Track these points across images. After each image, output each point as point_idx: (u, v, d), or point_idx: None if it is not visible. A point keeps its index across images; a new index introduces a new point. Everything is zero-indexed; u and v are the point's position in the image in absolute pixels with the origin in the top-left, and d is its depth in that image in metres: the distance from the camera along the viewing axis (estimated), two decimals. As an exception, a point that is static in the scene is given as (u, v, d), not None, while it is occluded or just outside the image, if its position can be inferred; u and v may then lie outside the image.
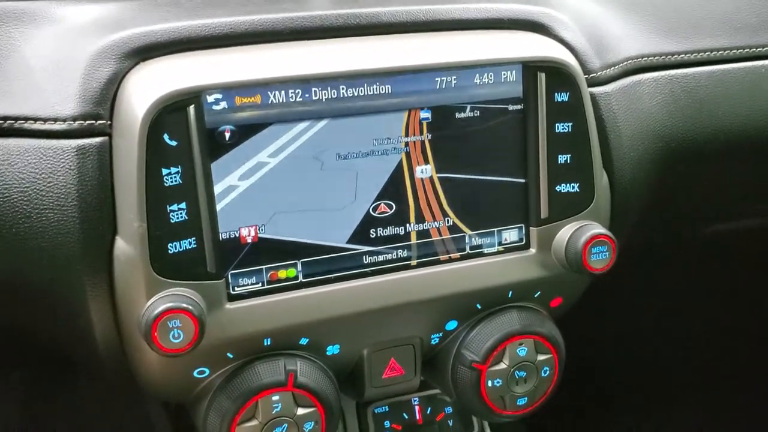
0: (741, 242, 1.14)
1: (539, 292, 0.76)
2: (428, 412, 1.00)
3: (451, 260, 0.73)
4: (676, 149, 0.84)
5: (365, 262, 0.70)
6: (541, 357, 0.76)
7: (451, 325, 0.75)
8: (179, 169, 0.61)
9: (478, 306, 0.75)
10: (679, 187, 0.89)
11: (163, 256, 0.61)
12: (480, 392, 0.74)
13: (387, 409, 0.99)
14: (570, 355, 0.78)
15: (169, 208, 0.61)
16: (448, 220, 0.72)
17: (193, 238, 0.62)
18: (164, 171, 0.60)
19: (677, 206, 0.91)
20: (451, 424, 1.00)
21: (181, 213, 0.61)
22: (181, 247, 0.62)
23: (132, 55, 0.64)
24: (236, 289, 0.66)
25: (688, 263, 1.17)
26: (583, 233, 0.72)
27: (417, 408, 1.01)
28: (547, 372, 0.76)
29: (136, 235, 0.60)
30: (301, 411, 0.68)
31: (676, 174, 0.86)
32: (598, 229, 0.72)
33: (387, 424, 0.98)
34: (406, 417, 1.00)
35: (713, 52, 0.86)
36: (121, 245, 0.62)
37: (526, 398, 0.76)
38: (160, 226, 0.60)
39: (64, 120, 0.61)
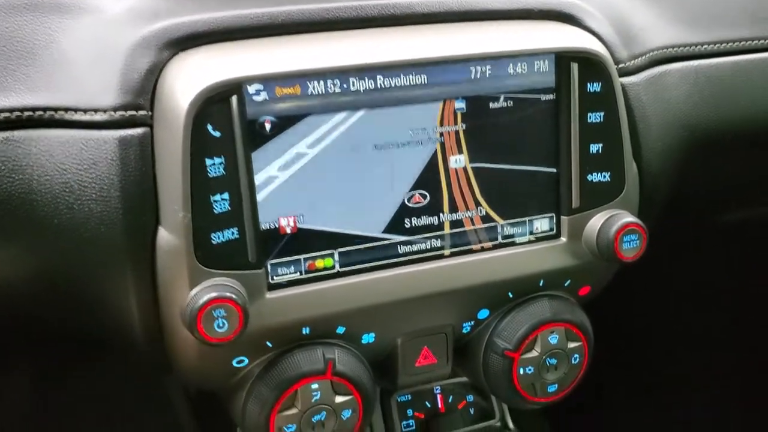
0: (754, 230, 1.15)
1: (569, 281, 0.77)
2: (450, 400, 1.02)
3: (483, 250, 0.74)
4: (700, 138, 0.85)
5: (400, 251, 0.71)
6: (571, 344, 0.76)
7: (483, 313, 0.76)
8: (222, 159, 0.61)
9: (510, 295, 0.75)
10: (702, 176, 0.90)
11: (206, 246, 0.61)
12: (512, 380, 0.75)
13: (410, 398, 1.00)
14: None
15: (212, 199, 0.61)
16: (480, 210, 0.72)
17: (236, 228, 0.62)
18: (208, 162, 0.60)
19: (698, 193, 0.92)
20: (472, 412, 1.01)
21: (224, 203, 0.62)
22: (223, 237, 0.62)
23: (171, 46, 0.64)
24: (275, 278, 0.66)
25: (703, 250, 1.19)
26: (615, 222, 0.72)
27: (439, 396, 1.02)
28: (577, 359, 0.77)
29: (180, 226, 0.60)
30: (339, 399, 0.68)
31: (700, 162, 0.86)
32: (629, 217, 0.73)
33: (410, 412, 0.99)
34: (429, 405, 1.01)
35: (735, 43, 0.87)
36: (164, 235, 0.62)
37: (556, 385, 0.77)
38: (203, 216, 0.61)
39: (105, 110, 0.61)
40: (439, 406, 1.00)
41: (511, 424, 1.01)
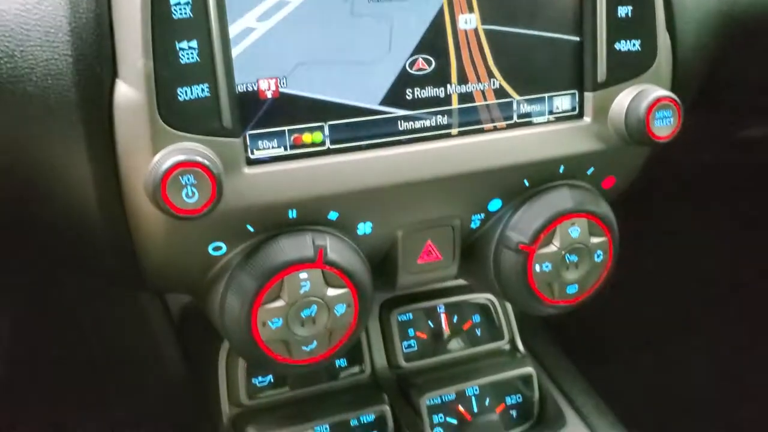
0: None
1: (593, 169, 0.68)
2: (455, 320, 0.93)
3: (496, 129, 0.65)
4: (738, 18, 0.75)
5: (400, 128, 0.62)
6: (594, 239, 0.68)
7: (495, 204, 0.67)
8: None
9: (526, 183, 0.66)
10: (738, 67, 0.80)
11: (171, 103, 0.52)
12: (527, 278, 0.67)
13: (411, 317, 0.91)
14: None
15: (178, 45, 0.52)
16: (494, 82, 0.63)
17: (206, 85, 0.53)
18: (172, -1, 0.51)
19: (732, 87, 0.83)
20: (479, 333, 0.93)
21: (192, 53, 0.52)
22: (192, 94, 0.53)
23: None
24: (255, 152, 0.57)
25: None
26: (646, 96, 0.63)
27: (443, 316, 0.93)
28: (601, 257, 0.68)
29: (141, 76, 0.51)
30: (332, 292, 0.60)
31: (737, 48, 0.77)
32: (662, 91, 0.63)
33: (411, 332, 0.91)
34: (432, 325, 0.93)
35: None
36: (122, 90, 0.53)
37: (576, 286, 0.68)
38: (168, 65, 0.52)
39: None
40: (443, 326, 0.92)
41: (521, 346, 0.93)
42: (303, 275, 0.58)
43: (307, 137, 0.59)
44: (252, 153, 0.57)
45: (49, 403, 0.95)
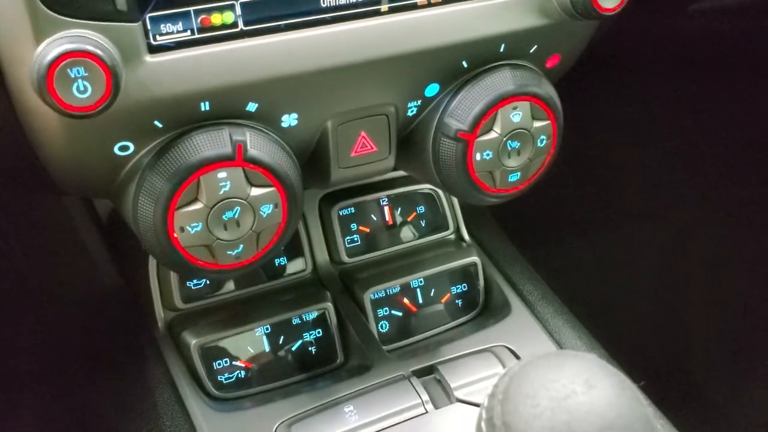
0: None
1: (536, 47, 0.63)
2: (399, 212, 0.90)
3: (430, 5, 0.59)
4: None
5: (323, 5, 0.55)
6: (537, 123, 0.64)
7: (432, 90, 0.62)
8: None
9: (464, 64, 0.61)
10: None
11: None
12: (466, 168, 0.63)
13: (353, 211, 0.88)
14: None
15: None
16: (425, -50, 0.57)
17: None
18: None
19: None
20: (423, 224, 0.91)
21: None
22: (74, -30, 0.46)
23: None
24: (158, 38, 0.51)
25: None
26: (593, -37, 0.58)
27: (386, 208, 0.90)
28: (544, 141, 0.65)
29: None
30: (255, 191, 0.55)
31: None
32: None
33: (354, 226, 0.87)
34: (375, 218, 0.90)
35: None
36: None
37: (519, 174, 0.65)
38: None
39: None
40: (387, 218, 0.89)
41: (466, 236, 0.91)
42: (221, 174, 0.53)
43: (216, 18, 0.52)
44: (154, 39, 0.51)
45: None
